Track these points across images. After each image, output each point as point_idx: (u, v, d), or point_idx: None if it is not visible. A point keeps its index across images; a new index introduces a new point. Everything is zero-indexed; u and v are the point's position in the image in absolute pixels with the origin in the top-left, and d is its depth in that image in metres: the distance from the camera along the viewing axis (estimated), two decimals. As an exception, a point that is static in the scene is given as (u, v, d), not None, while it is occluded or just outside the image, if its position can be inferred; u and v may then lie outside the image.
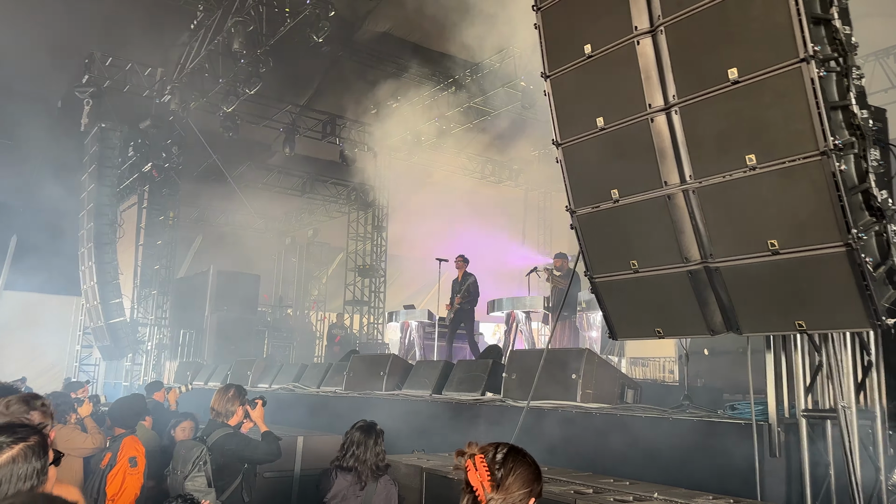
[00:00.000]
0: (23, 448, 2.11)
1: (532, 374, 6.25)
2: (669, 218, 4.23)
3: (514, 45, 14.04)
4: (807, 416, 4.49)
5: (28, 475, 2.09)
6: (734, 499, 4.04)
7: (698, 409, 5.56)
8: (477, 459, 2.10)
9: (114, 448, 5.25)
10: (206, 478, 4.42)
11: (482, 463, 2.09)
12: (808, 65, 3.57)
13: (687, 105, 4.06)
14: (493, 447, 2.16)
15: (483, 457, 2.11)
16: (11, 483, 2.06)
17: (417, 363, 9.21)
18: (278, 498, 6.25)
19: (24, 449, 2.11)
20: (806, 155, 3.63)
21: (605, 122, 4.48)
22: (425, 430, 6.95)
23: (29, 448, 2.13)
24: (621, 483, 4.44)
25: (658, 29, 4.16)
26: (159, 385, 8.12)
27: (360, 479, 4.26)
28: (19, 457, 2.09)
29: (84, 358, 18.30)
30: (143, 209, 17.26)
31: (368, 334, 19.45)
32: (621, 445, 5.26)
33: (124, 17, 13.55)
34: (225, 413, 4.67)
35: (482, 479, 2.07)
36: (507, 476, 2.09)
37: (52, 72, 14.80)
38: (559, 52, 4.75)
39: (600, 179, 4.64)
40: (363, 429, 4.37)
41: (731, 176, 3.92)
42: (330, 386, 9.51)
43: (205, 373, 12.83)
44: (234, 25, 12.46)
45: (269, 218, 22.74)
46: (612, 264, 4.69)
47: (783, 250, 3.80)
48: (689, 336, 4.82)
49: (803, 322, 3.86)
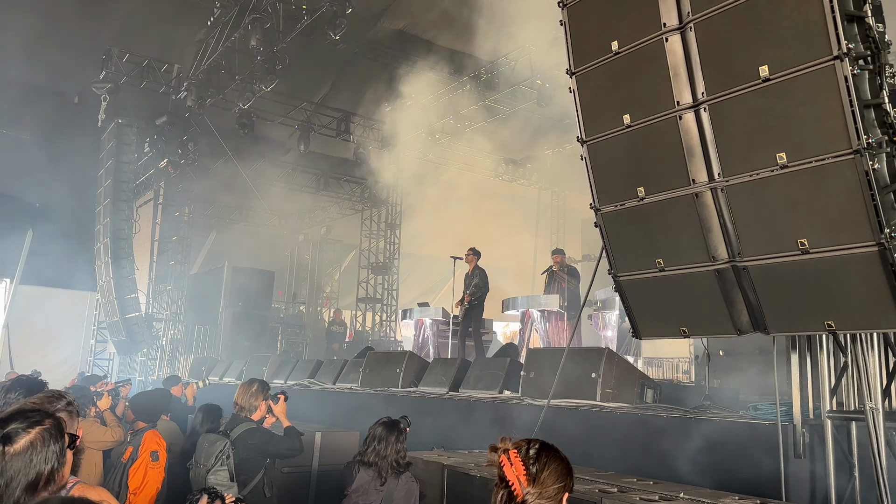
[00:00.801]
0: (39, 432, 2.11)
1: (550, 373, 6.24)
2: (697, 216, 4.20)
3: (530, 43, 14.00)
4: (832, 418, 4.45)
5: (48, 458, 2.09)
6: (760, 499, 4.01)
7: (720, 409, 5.52)
8: (511, 454, 2.09)
9: (135, 442, 5.27)
10: (228, 472, 4.43)
11: (517, 457, 2.08)
12: (841, 62, 3.54)
13: (716, 102, 4.03)
14: (525, 442, 2.15)
15: (517, 451, 2.10)
16: (32, 468, 2.05)
17: (434, 361, 9.21)
18: (296, 493, 6.26)
19: (40, 433, 2.11)
20: (838, 153, 3.60)
21: (632, 119, 4.45)
22: (443, 428, 6.95)
23: (45, 431, 2.12)
24: (645, 483, 4.41)
25: (687, 26, 4.13)
26: (177, 380, 8.16)
27: (380, 475, 4.27)
28: (37, 441, 2.09)
29: (99, 352, 18.41)
30: (159, 205, 17.37)
31: (381, 332, 19.46)
32: (643, 445, 5.24)
33: (142, 14, 13.62)
34: (248, 408, 4.67)
35: (518, 473, 2.06)
36: (543, 470, 2.08)
37: (69, 68, 14.90)
38: (585, 49, 4.73)
39: (626, 177, 4.61)
40: (386, 425, 4.38)
41: (760, 174, 3.89)
42: (346, 383, 9.52)
43: (220, 368, 12.89)
44: (252, 22, 12.49)
45: (283, 214, 22.79)
46: (637, 262, 4.67)
47: (813, 250, 3.77)
48: (716, 336, 4.79)
49: (833, 322, 3.83)
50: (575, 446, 5.59)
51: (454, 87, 16.33)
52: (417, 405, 7.66)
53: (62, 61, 14.43)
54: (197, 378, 12.37)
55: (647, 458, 5.14)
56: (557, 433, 5.72)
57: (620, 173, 4.68)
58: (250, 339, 15.78)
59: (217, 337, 16.40)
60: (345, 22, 12.13)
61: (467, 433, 6.65)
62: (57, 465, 2.12)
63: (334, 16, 12.09)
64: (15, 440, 2.06)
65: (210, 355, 15.38)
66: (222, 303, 16.42)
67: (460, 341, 11.76)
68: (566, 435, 5.73)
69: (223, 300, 16.42)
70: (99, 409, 6.27)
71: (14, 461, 2.04)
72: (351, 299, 21.12)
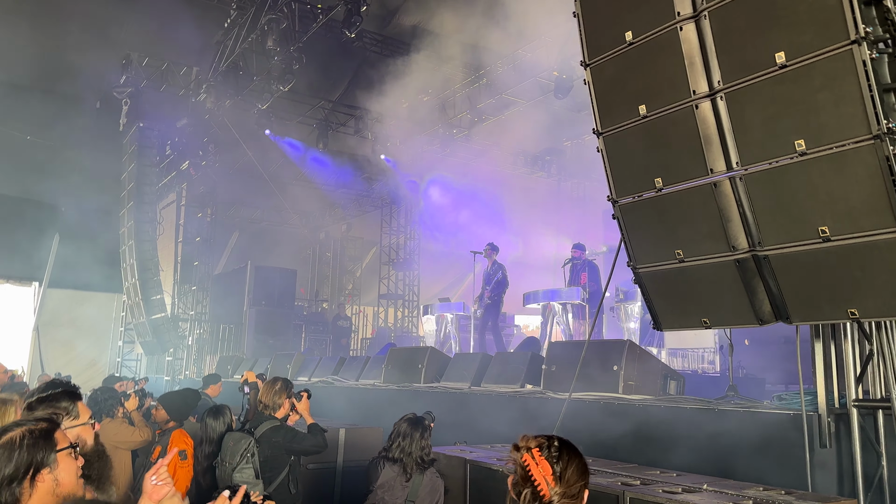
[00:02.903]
0: (26, 429, 2.17)
1: (572, 366, 6.23)
2: (716, 206, 4.16)
3: (547, 35, 13.93)
4: (858, 406, 4.40)
5: (26, 458, 2.13)
6: (785, 490, 3.98)
7: (744, 399, 5.48)
8: (535, 453, 2.07)
9: (163, 441, 5.36)
10: (254, 469, 4.49)
11: (541, 456, 2.07)
12: (859, 47, 3.48)
13: (733, 91, 3.98)
14: (545, 440, 2.14)
15: (539, 450, 2.09)
16: (9, 463, 2.10)
17: (455, 356, 9.24)
18: (321, 489, 6.32)
19: (26, 430, 2.17)
20: (858, 139, 3.54)
21: (648, 109, 4.41)
22: (465, 423, 6.97)
23: (28, 431, 2.17)
24: (668, 474, 4.40)
25: (702, 14, 4.08)
26: (217, 378, 8.19)
27: (405, 471, 4.30)
28: (17, 438, 2.14)
29: (126, 353, 18.69)
30: (182, 206, 17.56)
31: (404, 327, 19.53)
32: (666, 437, 5.22)
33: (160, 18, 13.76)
34: (273, 405, 4.73)
35: (545, 473, 2.04)
36: (567, 469, 2.07)
37: (90, 74, 15.11)
38: (599, 40, 4.70)
39: (643, 168, 4.58)
40: (411, 421, 4.41)
41: (779, 162, 3.84)
42: (368, 379, 9.58)
43: (245, 366, 13.00)
44: (268, 23, 12.56)
45: (304, 213, 22.95)
46: (656, 254, 4.64)
47: (835, 237, 3.72)
48: (737, 326, 4.74)
49: (856, 310, 3.77)
50: (597, 439, 5.59)
51: (471, 81, 16.30)
52: (440, 400, 7.69)
53: (84, 68, 14.63)
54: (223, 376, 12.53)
55: (671, 451, 5.11)
56: (579, 426, 5.72)
57: (637, 164, 4.65)
58: (274, 337, 15.93)
59: (242, 335, 16.58)
60: (360, 20, 12.15)
61: (489, 428, 6.66)
62: (41, 466, 2.15)
63: (349, 14, 12.12)
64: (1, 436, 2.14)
65: (235, 354, 15.55)
66: (246, 302, 16.59)
67: (480, 336, 11.78)
68: (588, 428, 5.72)
69: (247, 299, 16.59)
70: (126, 410, 6.38)
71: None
72: (373, 296, 21.22)
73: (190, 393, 6.27)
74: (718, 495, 3.77)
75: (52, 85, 15.15)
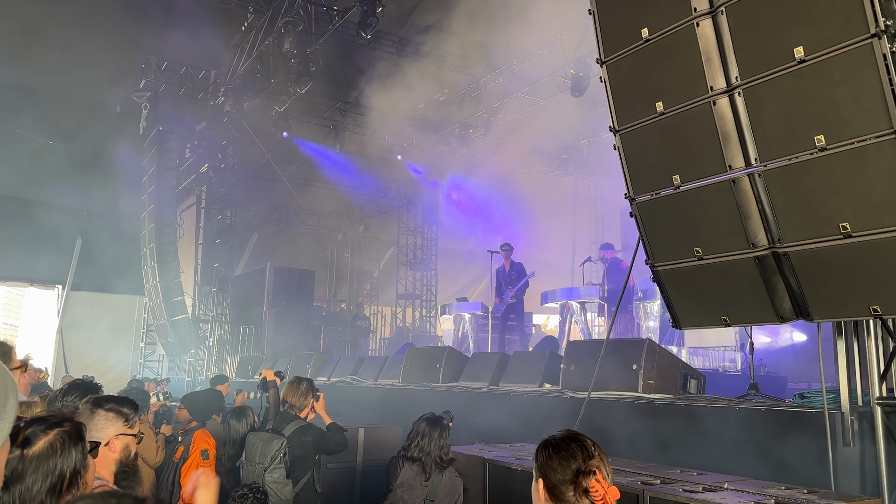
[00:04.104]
0: (58, 434, 2.08)
1: (590, 365, 6.20)
2: (735, 203, 4.13)
3: (563, 32, 13.89)
4: (882, 404, 4.34)
5: (68, 461, 2.06)
6: (808, 489, 3.93)
7: (766, 398, 5.42)
8: (600, 478, 2.08)
9: (186, 441, 5.42)
10: (285, 470, 4.52)
11: (605, 481, 2.08)
12: (879, 40, 3.44)
13: (751, 86, 3.95)
14: (597, 456, 2.14)
15: (599, 471, 2.09)
16: (53, 470, 2.03)
17: (473, 355, 9.23)
18: (342, 489, 6.35)
19: (59, 435, 2.08)
20: (879, 134, 3.51)
21: (665, 106, 4.39)
22: (484, 422, 6.97)
23: (65, 433, 2.09)
24: (688, 473, 4.37)
25: (718, 9, 4.06)
26: (223, 379, 8.35)
27: (424, 470, 4.31)
28: (56, 443, 2.06)
29: (148, 354, 18.90)
30: (202, 209, 17.71)
31: (422, 327, 19.57)
32: (687, 436, 5.18)
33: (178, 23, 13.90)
34: (299, 406, 4.77)
35: (613, 497, 2.06)
36: None
37: (110, 79, 15.30)
38: (615, 37, 4.68)
39: (660, 165, 4.56)
40: (429, 421, 4.41)
41: (799, 158, 3.81)
42: (387, 379, 9.61)
43: (265, 367, 13.10)
44: (284, 26, 12.65)
45: (322, 214, 23.06)
46: (675, 252, 4.61)
47: (856, 233, 3.68)
48: (758, 324, 4.70)
49: (878, 307, 3.73)
50: (617, 438, 5.56)
51: (487, 81, 16.30)
52: (458, 400, 7.69)
53: (104, 73, 14.83)
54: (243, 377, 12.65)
55: (691, 449, 5.08)
56: (599, 425, 5.70)
57: (655, 162, 4.62)
58: (294, 338, 16.02)
59: (262, 336, 16.70)
60: (376, 21, 12.19)
61: (508, 427, 6.66)
62: (80, 468, 2.09)
63: (365, 15, 12.17)
64: (34, 442, 2.03)
65: (256, 354, 15.66)
66: (266, 303, 16.71)
67: (500, 336, 11.78)
68: (608, 427, 5.70)
69: (266, 300, 16.70)
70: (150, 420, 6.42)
71: (34, 464, 2.01)
72: (391, 296, 21.27)
73: (213, 393, 6.33)
74: (740, 494, 3.73)
75: (72, 90, 15.35)
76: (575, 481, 2.05)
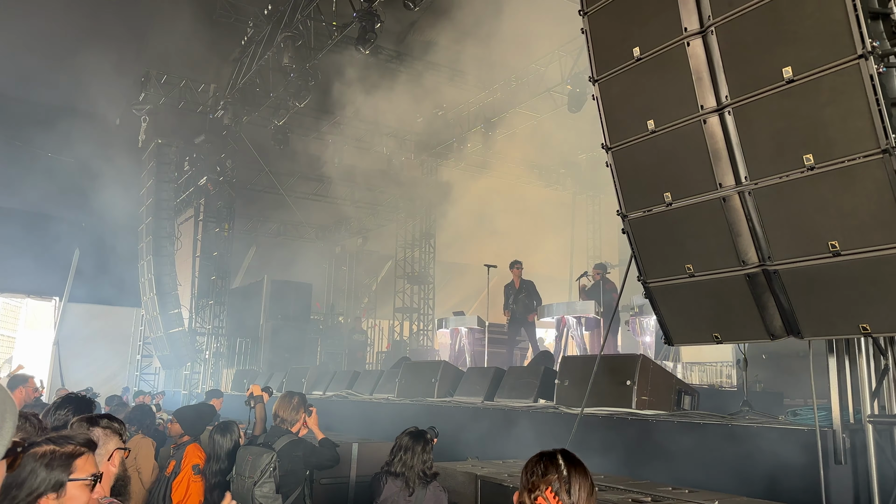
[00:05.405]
0: (49, 450, 2.12)
1: (585, 381, 6.19)
2: (725, 220, 4.16)
3: (559, 49, 14.00)
4: (873, 422, 4.34)
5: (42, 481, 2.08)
6: (799, 507, 3.93)
7: (759, 415, 5.42)
8: (549, 496, 2.24)
9: (177, 455, 5.40)
10: (274, 484, 4.51)
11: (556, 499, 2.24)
12: (866, 61, 3.48)
13: (740, 105, 3.99)
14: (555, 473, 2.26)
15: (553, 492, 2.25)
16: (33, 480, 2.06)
17: (469, 370, 9.22)
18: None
19: (49, 451, 2.12)
20: (866, 153, 3.54)
21: (656, 124, 4.43)
22: (478, 438, 6.95)
23: (51, 452, 2.12)
24: (680, 491, 4.36)
25: (709, 29, 4.11)
26: (218, 393, 8.34)
27: (407, 485, 4.29)
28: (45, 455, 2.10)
29: (144, 367, 18.87)
30: (200, 222, 17.74)
31: (419, 341, 19.54)
32: (679, 453, 5.17)
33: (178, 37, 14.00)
34: (290, 420, 4.76)
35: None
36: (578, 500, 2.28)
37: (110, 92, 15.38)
38: (607, 56, 4.73)
39: (652, 183, 4.59)
40: (412, 435, 4.40)
41: (788, 176, 3.84)
42: (382, 393, 9.59)
43: (261, 380, 13.05)
44: (284, 40, 12.73)
45: (320, 227, 23.10)
46: (667, 268, 4.63)
47: (845, 252, 3.70)
48: (748, 341, 4.71)
49: (868, 325, 3.75)
50: (609, 455, 5.55)
51: (485, 96, 16.40)
52: (453, 414, 7.68)
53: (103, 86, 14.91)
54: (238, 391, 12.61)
55: (683, 467, 5.07)
56: (592, 441, 5.69)
57: (647, 179, 4.66)
58: (290, 351, 16.01)
59: (258, 349, 16.68)
60: (374, 36, 12.26)
61: (502, 443, 6.64)
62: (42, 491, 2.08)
63: (364, 31, 12.24)
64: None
65: (252, 367, 15.63)
66: (263, 316, 16.71)
67: (509, 351, 11.94)
68: (601, 443, 5.69)
69: (263, 313, 16.71)
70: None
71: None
72: (388, 309, 21.25)
73: (205, 407, 6.32)
74: (730, 512, 3.74)
75: (72, 102, 15.43)
76: (530, 496, 2.23)
